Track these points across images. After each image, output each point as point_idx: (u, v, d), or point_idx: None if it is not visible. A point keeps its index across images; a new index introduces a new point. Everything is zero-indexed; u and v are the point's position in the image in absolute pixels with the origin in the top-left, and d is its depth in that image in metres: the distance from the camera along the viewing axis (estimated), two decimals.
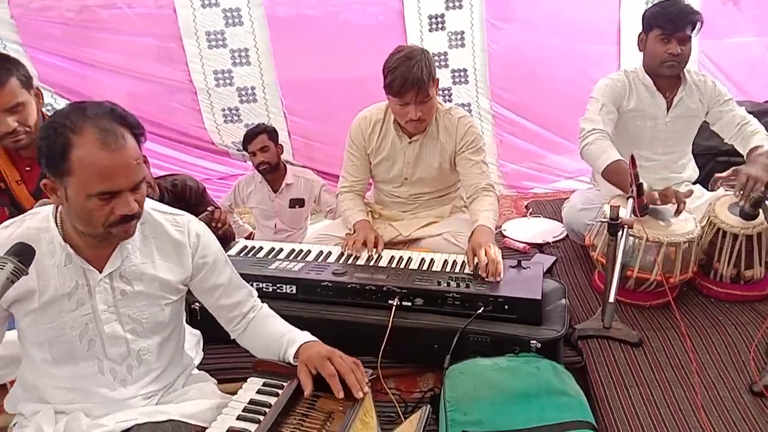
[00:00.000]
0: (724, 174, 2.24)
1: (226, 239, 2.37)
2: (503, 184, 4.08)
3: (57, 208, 1.37)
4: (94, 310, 1.38)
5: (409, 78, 2.12)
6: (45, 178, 1.28)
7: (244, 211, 3.74)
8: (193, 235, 1.49)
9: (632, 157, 1.92)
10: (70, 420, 1.37)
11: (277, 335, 1.54)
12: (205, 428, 1.35)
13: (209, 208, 2.30)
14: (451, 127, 2.36)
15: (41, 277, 1.33)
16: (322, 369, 1.40)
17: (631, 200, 2.00)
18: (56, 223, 1.36)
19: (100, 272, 1.38)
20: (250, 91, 3.84)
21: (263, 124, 3.31)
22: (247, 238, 3.43)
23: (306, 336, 1.52)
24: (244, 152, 3.35)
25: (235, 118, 3.88)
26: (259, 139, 3.14)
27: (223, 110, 3.85)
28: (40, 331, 1.37)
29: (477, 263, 2.01)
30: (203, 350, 1.76)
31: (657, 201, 2.12)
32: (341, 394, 1.37)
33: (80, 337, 1.38)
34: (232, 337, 1.61)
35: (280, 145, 3.25)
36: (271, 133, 3.18)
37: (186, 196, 2.54)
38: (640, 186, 1.99)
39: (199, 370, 1.67)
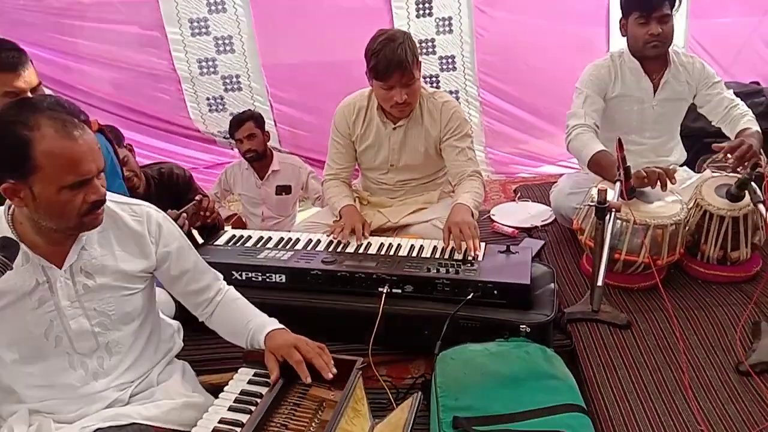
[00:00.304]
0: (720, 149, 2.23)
1: (215, 227, 2.36)
2: (491, 171, 4.08)
3: (10, 208, 1.35)
4: (58, 307, 1.37)
5: (393, 60, 2.10)
6: (2, 183, 1.24)
7: (232, 199, 3.72)
8: (153, 224, 1.48)
9: (619, 140, 1.92)
10: (40, 425, 1.36)
11: (242, 321, 1.55)
12: (172, 429, 1.37)
13: (197, 197, 2.28)
14: (435, 111, 2.34)
15: None
16: (288, 357, 1.42)
17: (618, 183, 2.01)
18: (9, 223, 1.34)
19: (60, 268, 1.37)
20: (234, 80, 3.80)
21: (249, 110, 3.28)
22: (228, 220, 3.44)
23: (272, 323, 1.53)
24: (231, 140, 3.32)
25: (220, 107, 3.85)
26: (246, 127, 3.11)
27: (208, 99, 3.82)
28: (4, 332, 1.36)
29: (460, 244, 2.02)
30: (188, 339, 1.74)
31: (645, 179, 2.11)
32: (309, 380, 1.39)
33: (46, 335, 1.37)
34: (200, 320, 1.62)
35: (267, 131, 3.23)
36: (258, 120, 3.16)
37: (173, 184, 2.52)
38: (627, 169, 2.00)
39: (187, 361, 1.67)
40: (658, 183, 2.10)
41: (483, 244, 2.12)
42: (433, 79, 3.92)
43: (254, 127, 3.12)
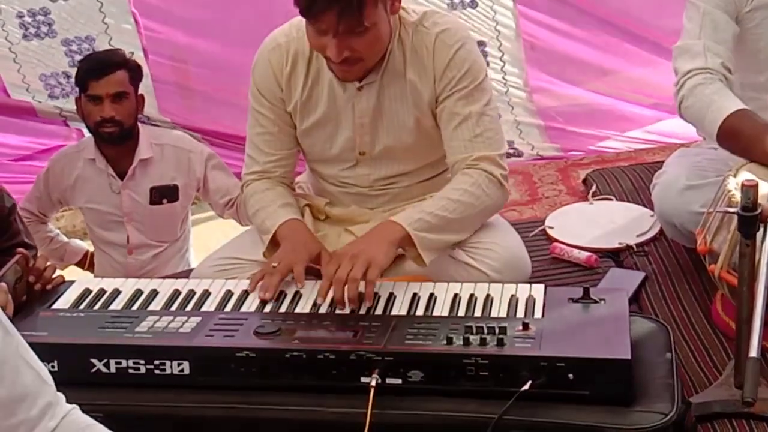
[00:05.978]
0: None
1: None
2: (539, 125, 4.09)
3: None
4: None
5: None
6: None
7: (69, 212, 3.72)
8: None
9: None
10: None
11: None
12: None
13: (19, 251, 2.27)
14: (426, 52, 2.40)
15: None
16: None
17: None
18: None
19: None
20: None
21: (121, 51, 3.28)
22: (80, 264, 3.42)
23: None
24: (77, 97, 3.23)
25: (44, 29, 3.83)
26: (116, 77, 3.12)
27: (21, 16, 3.81)
28: None
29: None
30: None
31: None
32: None
33: None
34: None
35: (141, 94, 3.24)
36: (135, 72, 3.20)
37: None
38: None
39: None
40: None
41: (542, 286, 2.17)
42: None
43: (128, 81, 3.13)
